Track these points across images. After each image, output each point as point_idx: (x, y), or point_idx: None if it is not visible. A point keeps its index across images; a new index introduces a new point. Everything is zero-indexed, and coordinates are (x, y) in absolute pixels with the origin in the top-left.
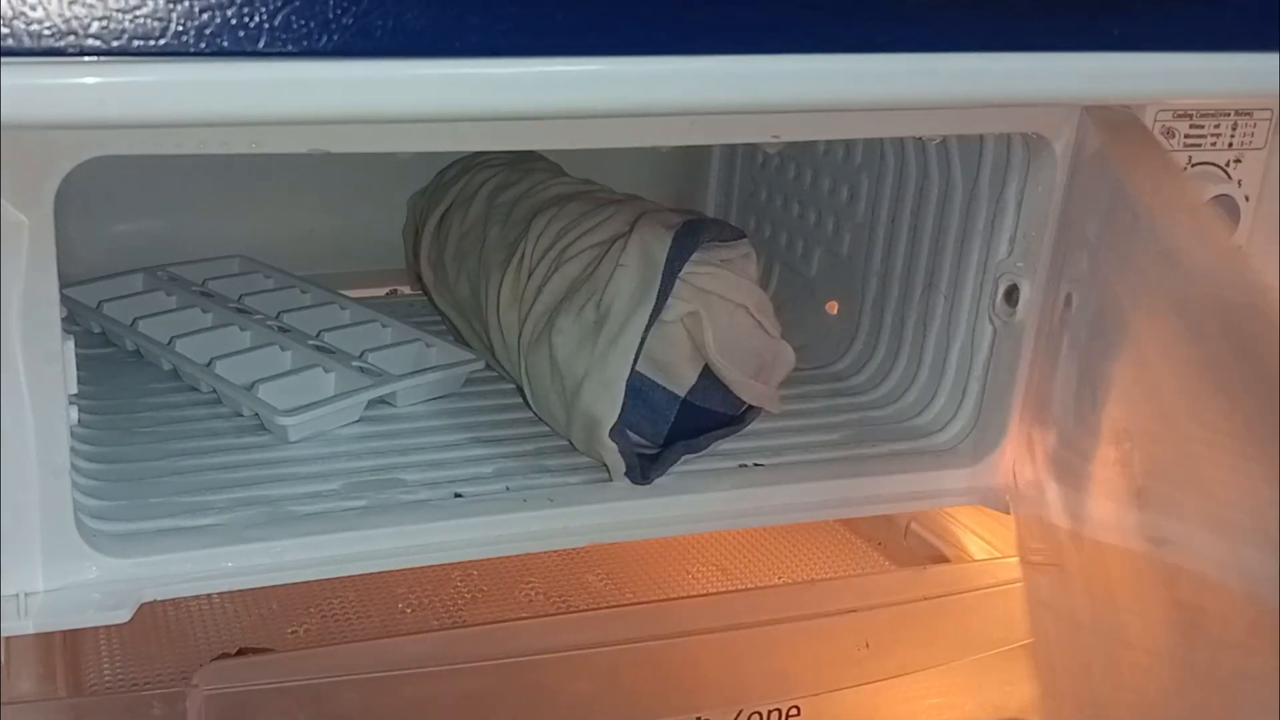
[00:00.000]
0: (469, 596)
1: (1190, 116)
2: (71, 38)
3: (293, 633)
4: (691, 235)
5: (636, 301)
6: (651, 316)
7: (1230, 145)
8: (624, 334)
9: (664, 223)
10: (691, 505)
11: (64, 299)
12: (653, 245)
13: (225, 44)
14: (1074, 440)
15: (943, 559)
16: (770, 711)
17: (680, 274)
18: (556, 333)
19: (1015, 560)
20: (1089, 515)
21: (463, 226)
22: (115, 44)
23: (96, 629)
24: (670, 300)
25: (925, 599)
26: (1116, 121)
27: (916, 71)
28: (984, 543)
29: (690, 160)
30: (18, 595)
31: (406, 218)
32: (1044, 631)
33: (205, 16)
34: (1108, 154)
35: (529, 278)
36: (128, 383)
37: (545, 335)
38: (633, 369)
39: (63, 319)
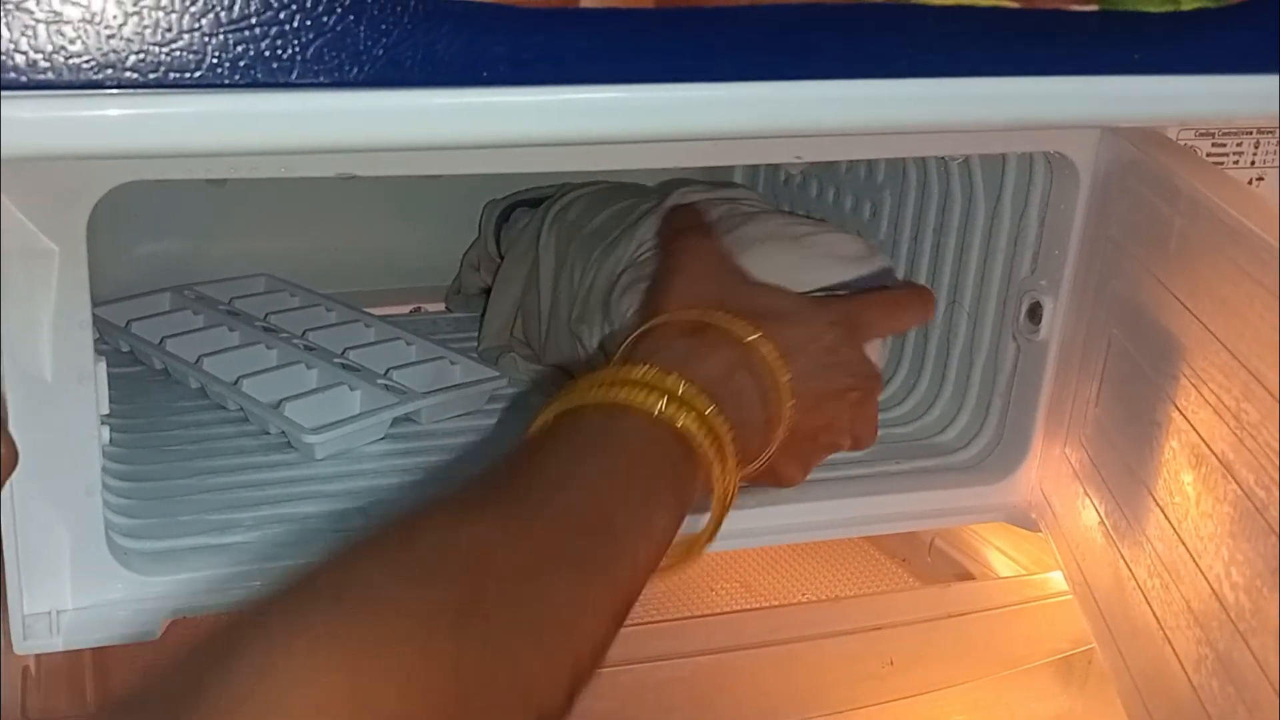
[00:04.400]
0: None
1: (1212, 135)
2: (110, 71)
3: None
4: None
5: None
6: None
7: (1253, 163)
8: None
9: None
10: None
11: (92, 318)
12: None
13: (259, 76)
14: (1118, 461)
15: (967, 576)
16: None
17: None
18: None
19: (1040, 577)
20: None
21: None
22: (152, 76)
23: (125, 646)
24: None
25: (949, 616)
26: (1148, 134)
27: (935, 96)
28: (1008, 559)
29: (713, 178)
30: (49, 613)
31: (486, 215)
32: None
33: (239, 49)
34: (1146, 163)
35: None
36: (156, 401)
37: None
38: None
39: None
